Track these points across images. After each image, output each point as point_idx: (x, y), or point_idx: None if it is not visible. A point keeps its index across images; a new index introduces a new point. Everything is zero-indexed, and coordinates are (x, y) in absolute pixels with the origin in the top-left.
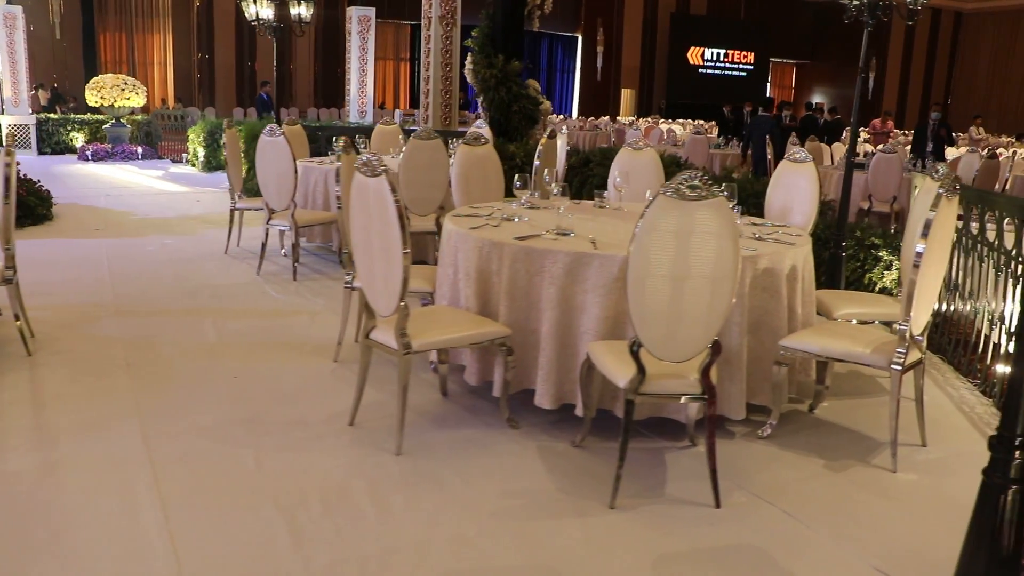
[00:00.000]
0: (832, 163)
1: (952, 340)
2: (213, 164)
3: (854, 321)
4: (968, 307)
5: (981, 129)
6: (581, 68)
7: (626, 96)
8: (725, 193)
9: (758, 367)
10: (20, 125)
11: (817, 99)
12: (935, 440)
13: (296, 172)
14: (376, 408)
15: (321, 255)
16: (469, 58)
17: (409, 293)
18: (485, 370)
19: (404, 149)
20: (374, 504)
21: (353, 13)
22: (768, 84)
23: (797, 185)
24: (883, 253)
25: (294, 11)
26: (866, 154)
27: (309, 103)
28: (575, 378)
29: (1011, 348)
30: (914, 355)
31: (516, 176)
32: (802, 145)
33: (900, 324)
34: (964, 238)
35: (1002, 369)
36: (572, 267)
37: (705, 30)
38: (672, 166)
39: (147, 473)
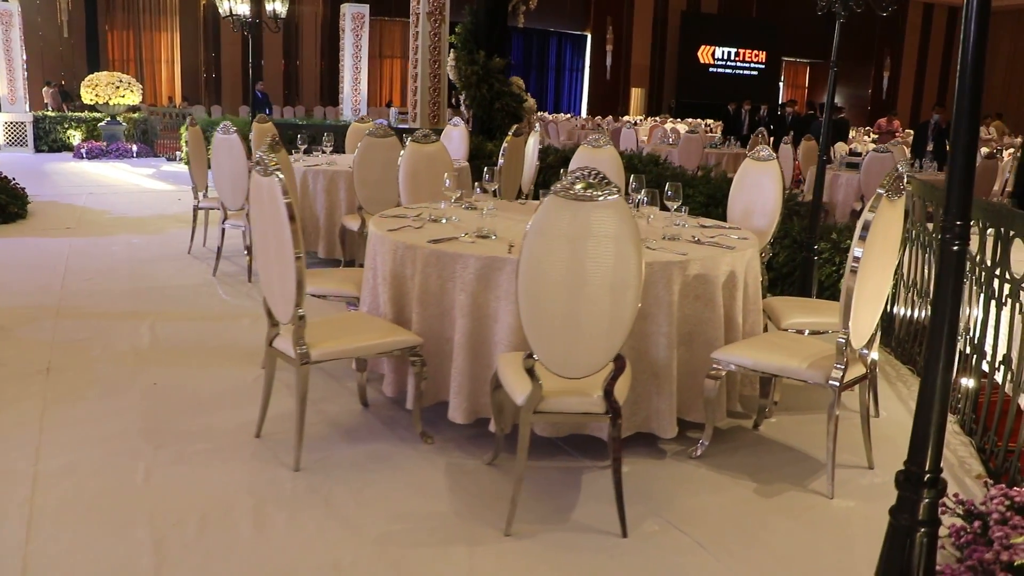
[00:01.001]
0: (831, 162)
1: (921, 349)
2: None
3: (807, 332)
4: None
5: (992, 129)
6: (590, 67)
7: (636, 95)
8: (634, 190)
9: (693, 381)
10: (16, 123)
11: None
12: (885, 462)
13: (251, 171)
14: (289, 419)
15: None
16: (451, 54)
17: (338, 298)
18: (401, 381)
19: (358, 147)
20: (254, 525)
21: (346, 10)
22: (781, 84)
23: (760, 185)
24: None
25: (269, 6)
26: (867, 153)
27: (316, 101)
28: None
29: (975, 361)
30: (856, 370)
31: (446, 175)
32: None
33: (839, 337)
34: (925, 238)
35: (966, 383)
36: (484, 273)
37: (716, 28)
38: (651, 165)
39: (26, 487)
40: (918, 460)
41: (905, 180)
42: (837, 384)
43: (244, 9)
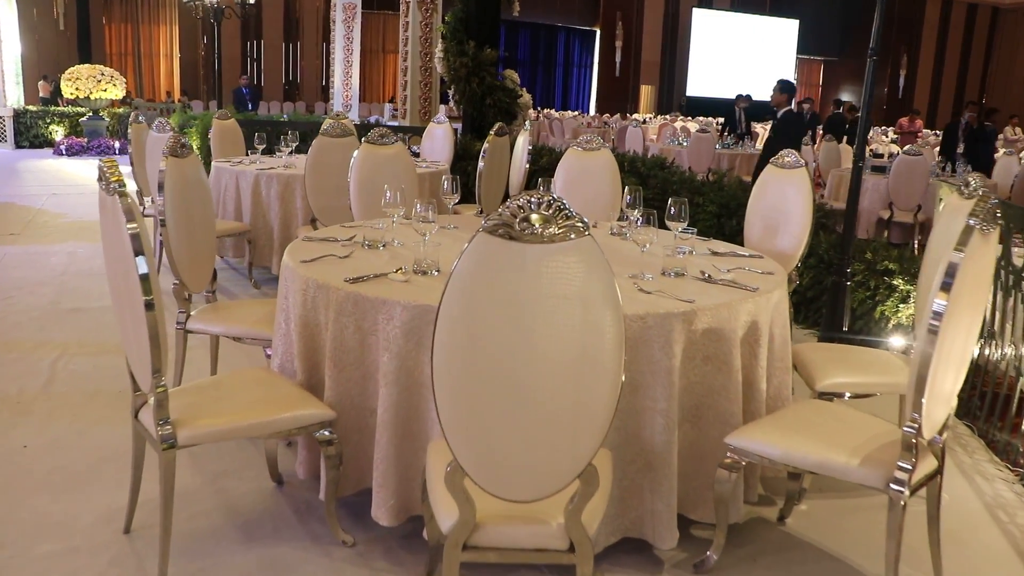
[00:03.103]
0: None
1: (984, 402)
2: None
3: (846, 395)
4: (1007, 356)
5: (1018, 130)
6: (599, 63)
7: (645, 93)
8: (629, 205)
9: (699, 468)
10: None
11: (846, 97)
12: (952, 571)
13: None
14: (179, 503)
15: (242, 271)
16: (439, 45)
17: (255, 341)
18: (316, 460)
19: (310, 148)
20: None
21: (337, 1)
22: (795, 82)
23: (784, 196)
24: (899, 281)
25: None
26: (891, 155)
27: (317, 97)
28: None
29: None
30: (926, 465)
31: (386, 187)
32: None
33: (907, 425)
34: (1002, 271)
35: None
36: (414, 326)
37: (728, 25)
38: (656, 168)
39: None
40: None
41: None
42: (903, 490)
43: None
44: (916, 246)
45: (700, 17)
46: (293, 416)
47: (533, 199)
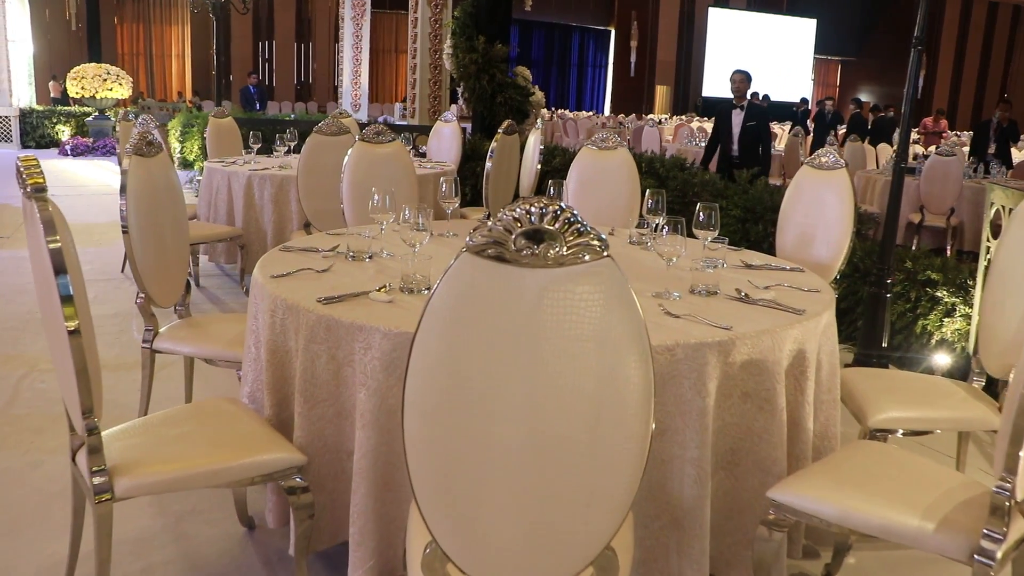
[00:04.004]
0: (877, 167)
1: None
2: (183, 161)
3: (899, 432)
4: None
5: None
6: (614, 64)
7: (661, 93)
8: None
9: (737, 522)
10: (1, 117)
11: (864, 98)
12: None
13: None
14: (127, 552)
15: (234, 277)
16: (449, 41)
17: (229, 363)
18: (287, 508)
19: (303, 148)
20: None
21: None
22: (812, 81)
23: (822, 202)
24: (942, 293)
25: None
26: (915, 157)
27: (329, 97)
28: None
29: None
30: (1018, 530)
31: (374, 189)
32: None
33: (997, 485)
34: None
35: None
36: (395, 357)
37: (745, 24)
38: (675, 170)
39: None
40: None
41: None
42: (991, 563)
43: None
44: (948, 251)
45: (716, 16)
46: (255, 462)
47: (534, 208)
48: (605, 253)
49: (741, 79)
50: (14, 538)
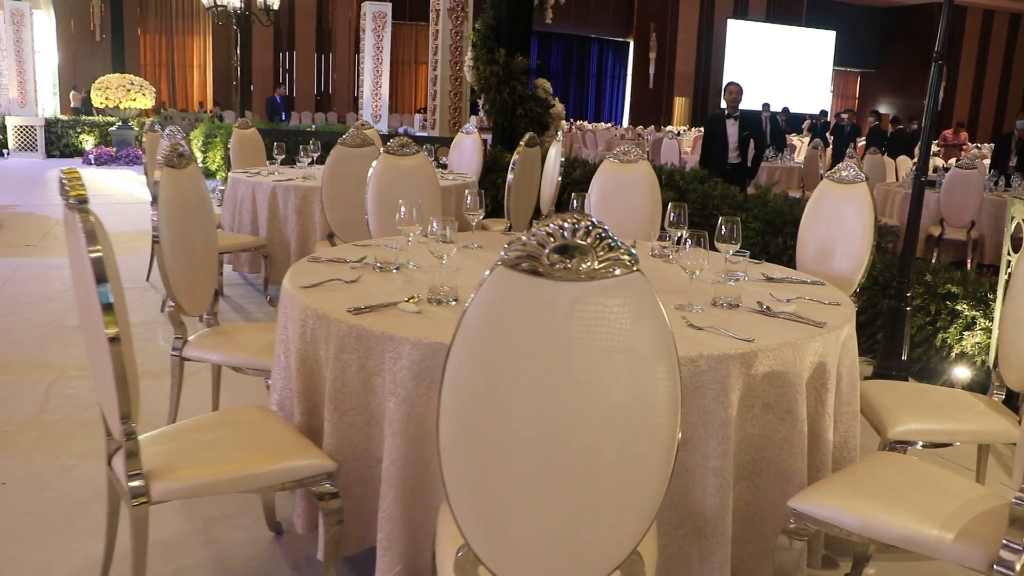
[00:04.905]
0: (897, 179)
1: None
2: (205, 171)
3: (919, 444)
4: None
5: None
6: (632, 75)
7: (679, 104)
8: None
9: (757, 531)
10: (26, 127)
11: (883, 109)
12: None
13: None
14: (162, 554)
15: (258, 287)
16: (469, 53)
17: (257, 372)
18: (316, 513)
19: (327, 159)
20: None
21: (367, 9)
22: (831, 93)
23: (842, 216)
24: (963, 306)
25: None
26: (935, 169)
27: (348, 108)
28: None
29: None
30: None
31: (400, 201)
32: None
33: (1016, 497)
34: None
35: None
36: (424, 367)
37: (763, 36)
38: (695, 183)
39: None
40: None
41: None
42: (1011, 573)
43: (235, 1)
44: (968, 264)
45: (735, 28)
46: (286, 467)
47: (567, 224)
48: (635, 267)
49: (738, 91)
50: (48, 540)
